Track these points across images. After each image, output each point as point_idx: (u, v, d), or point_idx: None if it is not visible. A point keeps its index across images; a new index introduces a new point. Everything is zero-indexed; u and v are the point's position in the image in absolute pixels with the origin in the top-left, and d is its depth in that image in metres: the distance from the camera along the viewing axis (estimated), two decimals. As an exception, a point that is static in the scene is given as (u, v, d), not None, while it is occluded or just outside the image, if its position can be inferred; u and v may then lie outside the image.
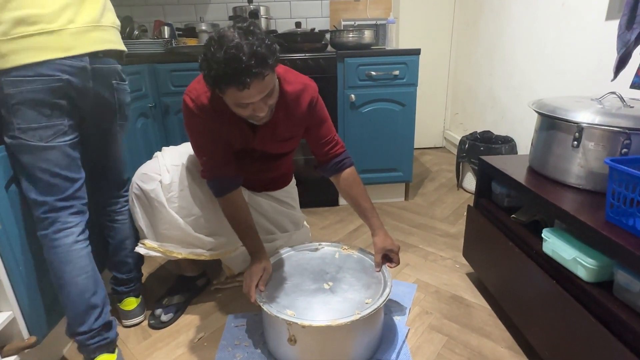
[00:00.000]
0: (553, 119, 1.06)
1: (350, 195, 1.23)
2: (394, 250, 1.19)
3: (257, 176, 1.34)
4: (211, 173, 1.15)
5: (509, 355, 1.10)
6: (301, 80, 1.13)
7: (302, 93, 1.13)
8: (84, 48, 0.95)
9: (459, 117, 3.04)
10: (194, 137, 1.13)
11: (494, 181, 1.32)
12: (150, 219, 1.23)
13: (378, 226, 1.21)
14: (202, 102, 1.07)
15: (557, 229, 1.01)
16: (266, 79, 0.91)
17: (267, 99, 0.97)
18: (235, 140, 1.16)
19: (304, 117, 1.16)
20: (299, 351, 1.02)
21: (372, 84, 1.93)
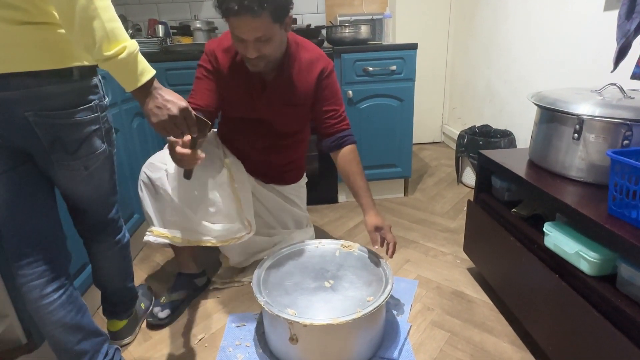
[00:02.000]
0: (553, 112, 1.05)
1: (347, 172, 1.25)
2: (384, 228, 1.19)
3: (266, 157, 1.34)
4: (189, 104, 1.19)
5: (512, 351, 1.10)
6: (318, 51, 1.23)
7: (317, 61, 1.20)
8: None
9: (457, 112, 3.03)
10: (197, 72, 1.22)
11: (493, 175, 1.31)
12: (158, 206, 1.25)
13: (369, 206, 1.22)
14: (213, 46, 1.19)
15: (558, 222, 1.00)
16: (258, 20, 0.97)
17: (259, 45, 1.03)
18: (240, 95, 1.21)
19: (314, 84, 1.21)
20: (300, 350, 1.02)
21: (369, 80, 1.92)
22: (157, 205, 1.25)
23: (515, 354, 1.09)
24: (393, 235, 1.20)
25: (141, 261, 1.66)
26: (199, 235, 1.24)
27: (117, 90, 1.52)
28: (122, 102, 1.57)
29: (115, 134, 1.47)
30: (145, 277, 1.54)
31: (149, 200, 1.25)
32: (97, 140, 0.86)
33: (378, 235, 1.20)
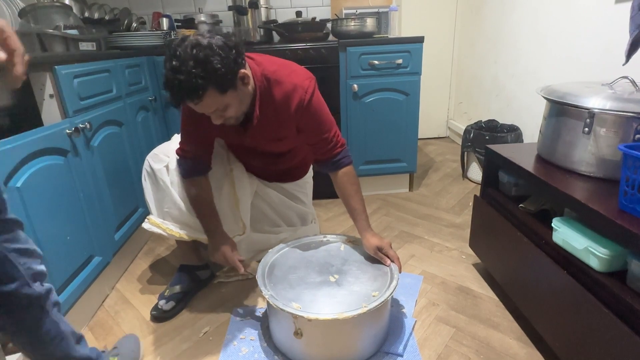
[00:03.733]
0: (563, 105, 1.03)
1: (343, 195, 1.22)
2: (384, 247, 1.15)
3: (265, 168, 1.35)
4: (184, 153, 1.19)
5: (518, 347, 1.09)
6: (292, 81, 1.09)
7: (291, 94, 1.09)
8: None
9: (463, 106, 3.00)
10: (184, 119, 1.17)
11: (501, 170, 1.30)
12: (157, 196, 1.28)
13: (364, 228, 1.18)
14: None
15: (567, 218, 0.99)
16: (205, 100, 0.93)
17: (220, 112, 0.99)
18: (229, 136, 1.20)
19: (292, 119, 1.13)
20: (305, 345, 1.01)
21: (374, 74, 1.90)
22: (156, 195, 1.28)
23: (521, 350, 1.08)
24: (394, 252, 1.16)
25: (145, 254, 1.66)
26: (192, 230, 1.26)
27: (122, 84, 1.52)
28: (127, 96, 1.56)
29: (120, 127, 1.49)
30: (148, 270, 1.54)
31: (150, 189, 1.28)
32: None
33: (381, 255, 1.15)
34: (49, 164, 1.06)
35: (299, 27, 1.93)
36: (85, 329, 1.24)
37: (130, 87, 1.59)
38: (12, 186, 0.93)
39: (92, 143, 1.29)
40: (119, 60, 1.50)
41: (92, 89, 1.31)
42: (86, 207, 1.22)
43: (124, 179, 1.50)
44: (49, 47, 1.43)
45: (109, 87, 1.43)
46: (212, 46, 0.90)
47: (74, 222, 1.15)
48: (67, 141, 1.14)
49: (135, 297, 1.38)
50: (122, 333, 1.22)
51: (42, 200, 1.02)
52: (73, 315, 1.17)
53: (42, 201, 1.02)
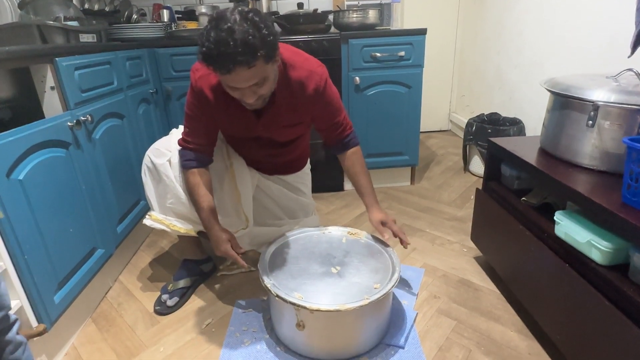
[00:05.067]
0: (567, 98, 1.03)
1: (351, 173, 1.27)
2: (388, 222, 1.20)
3: (267, 160, 1.34)
4: (187, 144, 1.17)
5: (519, 339, 1.09)
6: (308, 67, 1.11)
7: (307, 80, 1.10)
8: None
9: (466, 99, 2.98)
10: (187, 106, 1.14)
11: (503, 164, 1.29)
12: (159, 192, 1.26)
13: (371, 203, 1.24)
14: (202, 83, 1.09)
15: (569, 211, 0.98)
16: (253, 69, 0.89)
17: (256, 88, 0.96)
18: (236, 124, 1.17)
19: (308, 105, 1.14)
20: (307, 336, 1.02)
21: (377, 66, 1.88)
22: (158, 190, 1.26)
23: (521, 342, 1.08)
24: (398, 227, 1.20)
25: (148, 247, 1.67)
26: (196, 225, 1.25)
27: (122, 76, 1.51)
28: (128, 88, 1.56)
29: (121, 120, 1.49)
30: (151, 262, 1.55)
31: (151, 184, 1.26)
32: None
33: (384, 228, 1.20)
34: (51, 156, 1.06)
35: (301, 19, 1.91)
36: (88, 321, 1.25)
37: (131, 80, 1.59)
38: (14, 179, 0.93)
39: (94, 136, 1.29)
40: (119, 53, 1.50)
41: (93, 81, 1.30)
42: (88, 199, 1.22)
43: (126, 171, 1.50)
44: (49, 38, 1.42)
45: (110, 80, 1.42)
46: (260, 14, 0.90)
47: (76, 214, 1.16)
48: (69, 134, 1.14)
49: (138, 289, 1.39)
50: (125, 325, 1.23)
51: (45, 193, 1.02)
52: (76, 307, 1.18)
53: (44, 194, 1.02)
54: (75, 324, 1.19)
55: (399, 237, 1.19)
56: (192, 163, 1.17)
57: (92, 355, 1.11)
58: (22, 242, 0.93)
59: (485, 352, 1.06)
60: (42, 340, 1.02)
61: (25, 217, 0.95)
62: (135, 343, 1.15)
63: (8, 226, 0.89)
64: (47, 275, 1.02)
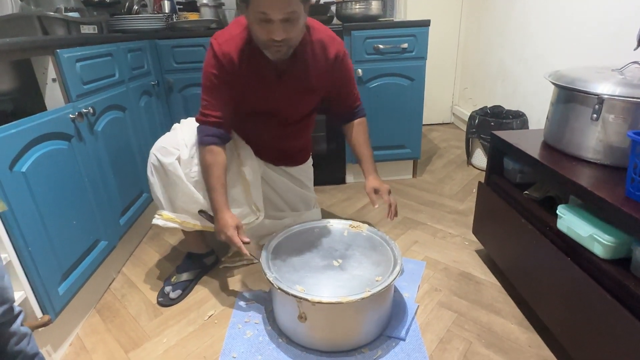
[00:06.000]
0: (571, 91, 1.02)
1: (354, 141, 1.33)
2: (382, 190, 1.25)
3: (274, 146, 1.34)
4: (206, 118, 1.15)
5: (519, 332, 1.10)
6: (329, 33, 1.18)
7: (329, 44, 1.16)
8: None
9: (468, 92, 2.96)
10: (206, 79, 1.13)
11: (506, 157, 1.29)
12: (168, 190, 1.24)
13: (369, 171, 1.31)
14: (228, 47, 1.10)
15: (572, 205, 0.98)
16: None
17: (288, 26, 0.98)
18: (255, 91, 1.17)
19: (330, 69, 1.19)
20: (308, 328, 1.03)
21: (380, 58, 1.87)
22: (167, 189, 1.24)
23: (522, 335, 1.09)
24: (390, 198, 1.25)
25: (150, 239, 1.68)
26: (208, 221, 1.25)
27: (124, 68, 1.51)
28: (129, 80, 1.55)
29: (123, 112, 1.49)
30: (156, 256, 1.56)
31: (159, 184, 1.25)
32: None
33: (377, 196, 1.26)
34: (54, 148, 1.06)
35: (303, 10, 1.89)
36: (92, 312, 1.26)
37: (132, 72, 1.58)
38: (17, 171, 0.93)
39: (96, 128, 1.29)
40: (121, 44, 1.49)
41: (94, 73, 1.30)
42: (91, 191, 1.23)
43: (128, 164, 1.50)
44: (50, 30, 1.41)
45: (111, 72, 1.42)
46: None
47: (79, 207, 1.16)
48: (71, 126, 1.14)
49: (141, 281, 1.40)
50: (129, 316, 1.24)
51: (48, 185, 1.03)
52: (80, 298, 1.19)
53: (47, 186, 1.02)
54: (79, 315, 1.21)
55: (388, 207, 1.24)
56: (212, 139, 1.14)
57: (96, 346, 1.13)
58: (25, 233, 0.93)
59: (486, 344, 1.07)
60: (47, 331, 1.03)
61: (28, 209, 0.95)
62: (138, 334, 1.16)
63: (12, 218, 0.90)
64: (51, 266, 1.02)
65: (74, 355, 1.10)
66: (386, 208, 1.25)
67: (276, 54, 1.05)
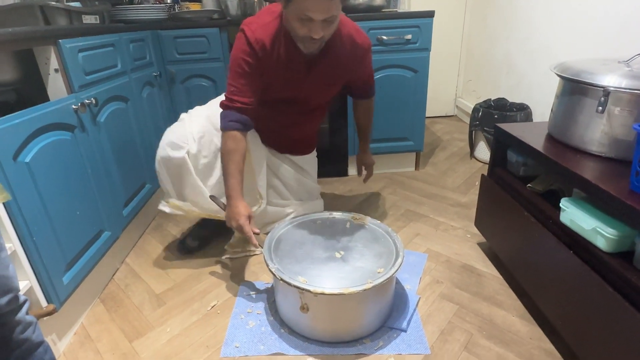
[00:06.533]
0: (577, 83, 1.01)
1: (361, 116, 1.51)
2: (369, 164, 1.57)
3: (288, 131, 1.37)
4: (232, 103, 1.16)
5: (520, 324, 1.11)
6: (356, 27, 1.25)
7: (357, 38, 1.23)
8: None
9: (472, 84, 2.94)
10: (236, 65, 1.14)
11: (509, 149, 1.28)
12: (176, 181, 1.29)
13: (366, 147, 1.58)
14: (261, 34, 1.12)
15: (575, 198, 0.98)
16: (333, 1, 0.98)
17: (326, 25, 1.03)
18: (284, 79, 1.20)
19: (356, 61, 1.26)
20: (310, 319, 1.04)
21: (383, 49, 1.85)
22: (175, 180, 1.28)
23: (523, 327, 1.09)
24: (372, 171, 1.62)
25: (153, 230, 1.68)
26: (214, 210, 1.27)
27: (126, 59, 1.50)
28: (132, 71, 1.54)
29: (126, 103, 1.48)
30: (157, 245, 1.57)
31: (167, 175, 1.28)
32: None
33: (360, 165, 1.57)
34: (57, 139, 1.06)
35: (306, 1, 1.87)
36: (97, 301, 1.27)
37: (135, 62, 1.57)
38: (21, 161, 0.93)
39: (99, 119, 1.29)
40: (123, 35, 1.48)
41: (97, 63, 1.29)
42: (94, 182, 1.23)
43: (131, 155, 1.51)
44: (52, 20, 1.40)
45: (113, 62, 1.41)
46: None
47: (83, 197, 1.17)
48: (74, 117, 1.14)
49: (145, 271, 1.41)
50: (133, 305, 1.25)
51: (51, 175, 1.03)
52: (85, 287, 1.20)
53: (51, 177, 1.03)
54: (83, 305, 1.22)
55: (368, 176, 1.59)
56: (236, 124, 1.15)
57: (100, 335, 1.14)
58: (30, 223, 0.94)
59: (487, 336, 1.07)
60: (52, 320, 1.04)
61: (32, 199, 0.96)
62: (142, 323, 1.17)
63: (16, 208, 0.90)
64: (56, 256, 1.03)
65: (78, 344, 1.11)
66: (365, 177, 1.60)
67: (310, 47, 1.11)
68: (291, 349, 1.05)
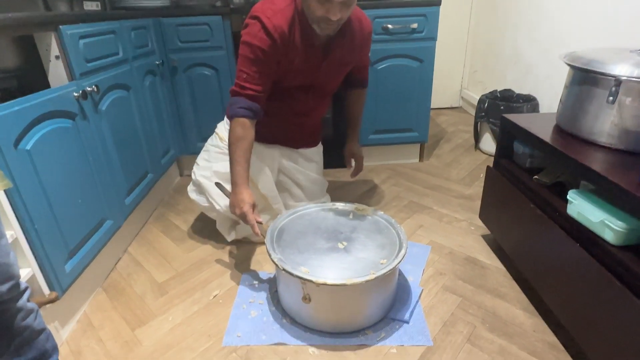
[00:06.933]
0: (587, 73, 0.98)
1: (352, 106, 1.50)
2: (359, 155, 1.54)
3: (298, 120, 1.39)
4: (243, 90, 1.14)
5: (524, 317, 1.10)
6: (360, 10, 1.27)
7: (363, 20, 1.27)
8: None
9: (478, 75, 2.90)
10: (251, 52, 1.11)
11: (516, 141, 1.26)
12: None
13: (354, 137, 1.55)
14: (278, 21, 1.10)
15: (583, 190, 0.96)
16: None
17: (344, 7, 1.05)
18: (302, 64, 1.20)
19: (363, 44, 1.30)
20: (313, 309, 1.03)
21: (388, 39, 1.82)
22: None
23: (527, 320, 1.09)
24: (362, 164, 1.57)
25: (156, 219, 1.68)
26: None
27: (128, 46, 1.48)
28: (133, 59, 1.53)
29: (127, 91, 1.47)
30: (159, 235, 1.57)
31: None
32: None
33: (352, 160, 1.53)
34: (58, 127, 1.05)
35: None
36: (99, 290, 1.28)
37: (136, 50, 1.56)
38: (22, 149, 0.92)
39: (100, 107, 1.28)
40: (124, 22, 1.46)
41: (98, 50, 1.28)
42: (96, 171, 1.22)
43: (133, 144, 1.50)
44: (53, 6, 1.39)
45: (115, 50, 1.40)
46: None
47: (84, 185, 1.16)
48: (75, 104, 1.13)
49: (147, 260, 1.41)
50: (135, 294, 1.25)
51: (52, 163, 1.02)
52: (87, 276, 1.20)
53: (52, 164, 1.02)
54: (86, 293, 1.22)
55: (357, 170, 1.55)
56: (246, 112, 1.13)
57: (103, 323, 1.14)
58: (31, 211, 0.94)
59: (490, 328, 1.06)
60: (55, 308, 1.05)
61: (33, 187, 0.95)
62: (144, 312, 1.18)
63: (17, 196, 0.90)
64: (58, 244, 1.03)
65: (81, 331, 1.12)
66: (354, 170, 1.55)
67: (326, 29, 1.10)
68: (293, 339, 1.05)
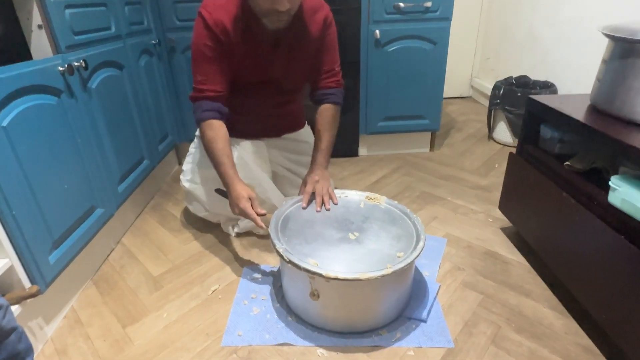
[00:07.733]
0: (632, 43, 0.87)
1: (319, 125, 1.24)
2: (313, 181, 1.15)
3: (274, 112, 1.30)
4: (202, 93, 1.09)
5: (553, 317, 1.00)
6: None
7: (319, 9, 1.14)
8: None
9: (491, 62, 2.78)
10: (198, 52, 1.07)
11: (543, 125, 1.15)
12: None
13: (319, 162, 1.21)
14: (219, 15, 1.04)
15: (627, 175, 0.86)
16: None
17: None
18: (252, 60, 1.11)
19: (320, 35, 1.16)
20: (321, 306, 0.93)
21: (400, 18, 1.71)
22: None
23: (557, 320, 0.99)
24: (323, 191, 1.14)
25: (152, 209, 1.58)
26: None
27: (121, 22, 1.37)
28: (127, 36, 1.42)
29: (120, 70, 1.36)
30: (156, 225, 1.47)
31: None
32: None
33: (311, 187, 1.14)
34: (40, 103, 0.95)
35: (317, -36, 1.73)
36: (89, 283, 1.18)
37: (131, 27, 1.45)
38: (-3, 127, 0.82)
39: (90, 85, 1.17)
40: (117, -5, 1.35)
41: (87, 23, 1.17)
42: (85, 154, 1.12)
43: (127, 127, 1.39)
44: (40, -24, 1.27)
45: (106, 24, 1.29)
46: None
47: (71, 169, 1.06)
48: (60, 80, 1.03)
49: (142, 252, 1.32)
50: (128, 288, 1.16)
51: (33, 142, 0.92)
52: (75, 268, 1.11)
53: (33, 144, 0.92)
54: (74, 286, 1.12)
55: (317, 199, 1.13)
56: (211, 114, 1.09)
57: (91, 319, 1.05)
58: (8, 196, 0.83)
59: (516, 329, 0.96)
60: (38, 303, 0.95)
61: (11, 168, 0.85)
62: (137, 307, 1.08)
63: (-9, 178, 0.80)
64: (40, 233, 0.93)
65: (67, 328, 1.02)
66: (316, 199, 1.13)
67: (276, 23, 1.02)
68: (299, 339, 0.95)
